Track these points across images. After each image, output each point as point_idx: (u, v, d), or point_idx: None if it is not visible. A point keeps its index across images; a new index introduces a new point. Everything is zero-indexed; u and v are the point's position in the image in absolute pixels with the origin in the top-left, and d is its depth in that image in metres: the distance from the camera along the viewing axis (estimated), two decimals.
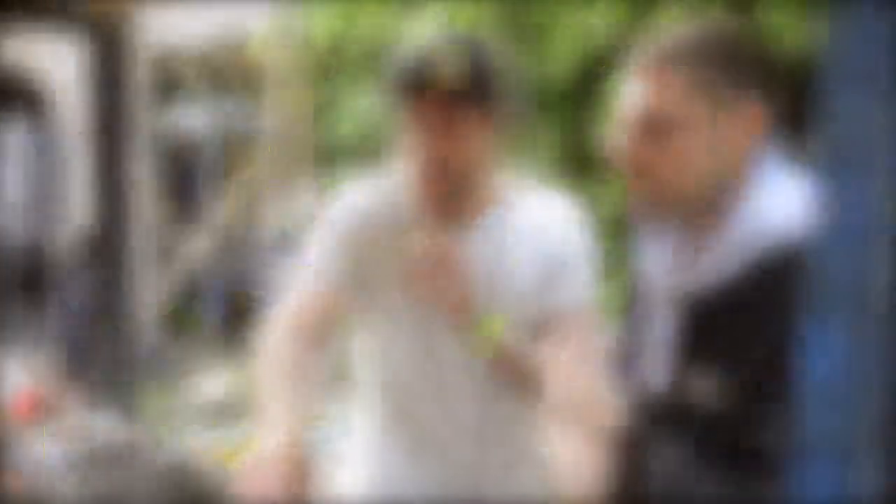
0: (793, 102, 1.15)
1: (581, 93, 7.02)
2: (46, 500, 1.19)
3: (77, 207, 8.36)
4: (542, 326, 1.56)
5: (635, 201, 1.19)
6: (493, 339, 1.45)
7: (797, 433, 0.54)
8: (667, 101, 1.12)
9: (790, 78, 1.28)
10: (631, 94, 1.16)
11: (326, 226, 1.57)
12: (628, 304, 1.32)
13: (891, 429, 0.54)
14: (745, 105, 1.11)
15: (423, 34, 5.16)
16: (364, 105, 7.23)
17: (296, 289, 1.54)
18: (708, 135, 1.12)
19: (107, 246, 1.69)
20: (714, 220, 1.13)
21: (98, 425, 1.49)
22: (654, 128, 1.13)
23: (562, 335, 1.54)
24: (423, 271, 1.41)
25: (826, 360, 0.52)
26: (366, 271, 1.57)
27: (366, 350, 1.64)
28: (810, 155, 0.51)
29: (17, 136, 8.96)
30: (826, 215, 0.50)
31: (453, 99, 1.40)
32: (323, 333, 1.52)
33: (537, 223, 1.55)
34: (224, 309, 8.75)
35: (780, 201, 1.08)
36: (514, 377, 1.51)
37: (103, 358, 1.71)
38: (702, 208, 1.14)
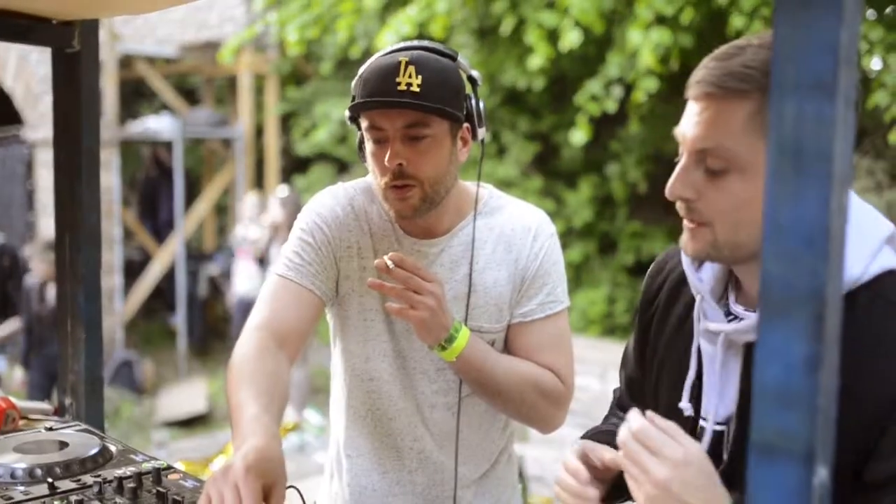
0: None
1: (554, 99, 7.06)
2: None
3: (43, 216, 8.26)
4: (513, 336, 1.56)
5: (686, 241, 1.02)
6: (457, 349, 1.45)
7: (755, 434, 0.55)
8: (726, 134, 0.95)
9: None
10: (687, 122, 1.00)
11: (302, 232, 1.56)
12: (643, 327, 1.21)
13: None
14: None
15: (388, 43, 5.16)
16: (337, 112, 7.24)
17: (270, 297, 1.52)
18: None
19: (74, 256, 1.68)
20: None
21: (68, 436, 1.47)
22: (710, 164, 0.97)
23: (533, 345, 1.55)
24: (394, 287, 1.41)
25: (782, 362, 0.53)
26: (341, 279, 1.56)
27: (341, 358, 1.64)
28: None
29: None
30: (780, 219, 0.51)
31: (409, 108, 1.40)
32: (298, 340, 1.51)
33: (510, 234, 1.55)
34: (197, 318, 8.69)
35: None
36: (478, 385, 1.52)
37: (72, 369, 1.69)
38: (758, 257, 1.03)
